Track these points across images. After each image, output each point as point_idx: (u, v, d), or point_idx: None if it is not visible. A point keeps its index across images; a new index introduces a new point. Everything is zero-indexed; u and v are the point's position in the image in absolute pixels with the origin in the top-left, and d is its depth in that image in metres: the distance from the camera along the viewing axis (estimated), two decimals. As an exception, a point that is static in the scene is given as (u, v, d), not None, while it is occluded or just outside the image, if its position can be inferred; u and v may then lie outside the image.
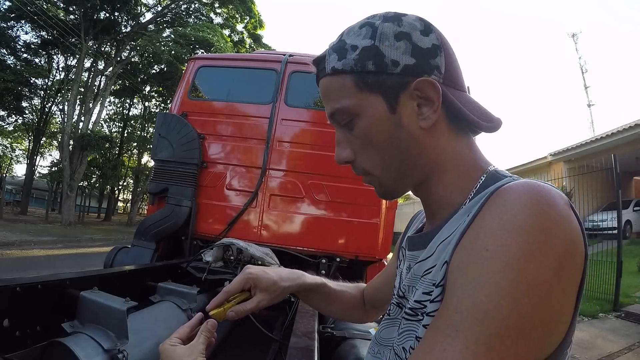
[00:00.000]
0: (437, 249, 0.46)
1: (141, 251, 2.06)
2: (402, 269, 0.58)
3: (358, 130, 0.48)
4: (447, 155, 0.48)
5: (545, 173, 10.45)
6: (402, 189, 0.52)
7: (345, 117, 0.48)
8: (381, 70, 0.44)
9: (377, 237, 2.13)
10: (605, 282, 5.20)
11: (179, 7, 16.28)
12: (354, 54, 0.45)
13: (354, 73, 0.45)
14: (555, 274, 0.33)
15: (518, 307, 0.32)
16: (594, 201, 7.59)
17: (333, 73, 0.47)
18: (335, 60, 0.46)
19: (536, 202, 0.35)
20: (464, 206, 0.45)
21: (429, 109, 0.45)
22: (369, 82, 0.45)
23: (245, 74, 2.48)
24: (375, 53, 0.44)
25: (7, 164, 26.41)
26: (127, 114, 22.61)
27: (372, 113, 0.46)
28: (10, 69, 14.25)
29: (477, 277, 0.34)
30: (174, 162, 2.17)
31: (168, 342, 0.56)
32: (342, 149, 0.50)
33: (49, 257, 7.21)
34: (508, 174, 0.46)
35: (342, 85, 0.47)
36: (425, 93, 0.45)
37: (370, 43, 0.45)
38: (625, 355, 3.46)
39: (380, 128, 0.46)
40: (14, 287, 0.88)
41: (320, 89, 0.50)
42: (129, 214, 21.47)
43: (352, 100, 0.46)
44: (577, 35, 22.52)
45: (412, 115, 0.46)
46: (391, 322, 0.55)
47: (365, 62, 0.45)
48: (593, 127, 21.07)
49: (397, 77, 0.45)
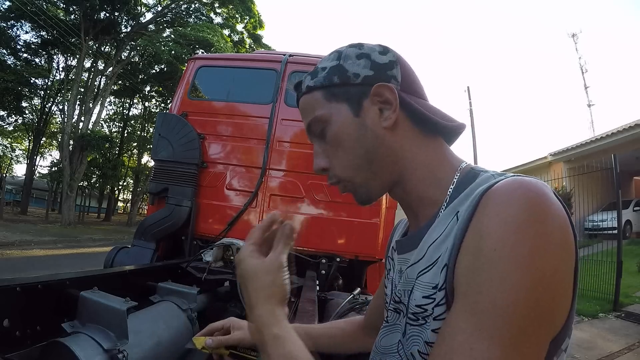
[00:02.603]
0: (429, 250, 0.47)
1: (141, 251, 2.06)
2: (393, 276, 0.59)
3: (329, 135, 0.53)
4: (414, 153, 0.52)
5: (545, 173, 10.44)
6: (375, 190, 0.54)
7: (318, 125, 0.54)
8: (345, 82, 0.52)
9: (377, 237, 2.13)
10: (605, 282, 5.20)
11: (179, 7, 16.28)
12: (323, 72, 0.53)
13: (323, 87, 0.53)
14: (559, 258, 0.37)
15: (534, 298, 0.35)
16: (594, 201, 7.58)
17: (307, 91, 0.54)
18: (309, 80, 0.54)
19: (528, 197, 0.38)
20: (445, 203, 0.48)
21: (389, 110, 0.51)
22: (335, 93, 0.52)
23: (245, 74, 2.48)
24: (340, 69, 0.52)
25: (7, 164, 26.40)
26: (127, 114, 22.63)
27: (339, 119, 0.52)
28: (10, 69, 14.26)
29: (491, 278, 0.36)
30: (174, 162, 2.16)
31: (247, 253, 0.50)
32: (319, 159, 0.56)
33: (49, 257, 7.22)
34: (483, 169, 0.50)
35: (315, 99, 0.54)
36: (384, 97, 0.50)
37: (336, 63, 0.53)
38: (625, 355, 3.46)
39: (347, 130, 0.52)
40: (14, 287, 0.88)
41: (300, 108, 0.57)
42: (129, 214, 21.50)
43: (323, 110, 0.53)
44: (577, 35, 22.51)
45: (375, 118, 0.51)
46: (390, 328, 0.56)
47: (331, 77, 0.52)
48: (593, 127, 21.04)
49: (358, 86, 0.51)
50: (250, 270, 0.49)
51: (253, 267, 0.49)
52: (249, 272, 0.49)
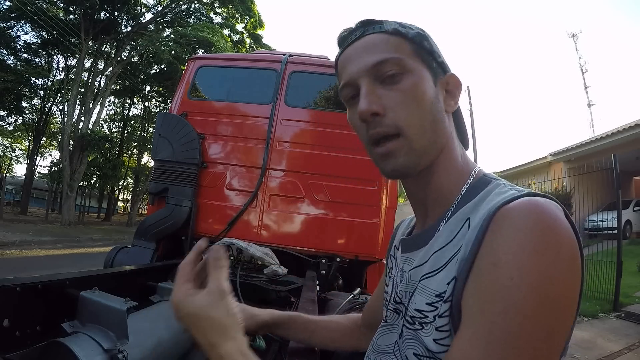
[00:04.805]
0: (435, 255, 0.48)
1: (141, 251, 2.06)
2: (395, 274, 0.59)
3: (406, 84, 0.50)
4: (452, 144, 0.55)
5: (545, 173, 10.43)
6: (424, 157, 0.51)
7: (395, 68, 0.50)
8: (432, 52, 0.53)
9: (377, 237, 2.13)
10: (605, 282, 5.19)
11: (179, 7, 16.27)
12: (413, 31, 0.53)
13: (414, 43, 0.52)
14: (569, 285, 0.38)
15: (549, 328, 0.36)
16: (594, 201, 7.58)
17: (394, 33, 0.52)
18: (398, 26, 0.53)
19: (545, 224, 0.39)
20: (454, 206, 0.50)
21: (451, 100, 0.55)
22: (422, 55, 0.52)
23: (245, 74, 2.48)
24: (428, 40, 0.54)
25: (7, 164, 26.41)
26: (127, 114, 22.60)
27: (422, 75, 0.51)
28: (10, 69, 14.24)
29: (507, 308, 0.37)
30: (174, 162, 2.16)
31: (183, 293, 0.47)
32: (372, 102, 0.49)
33: (49, 257, 7.21)
34: (495, 176, 0.52)
35: (400, 44, 0.52)
36: (452, 87, 0.55)
37: (423, 32, 0.54)
38: (625, 355, 3.46)
39: (427, 90, 0.51)
40: (14, 287, 0.88)
41: (366, 42, 0.52)
42: (129, 214, 21.47)
43: (409, 60, 0.51)
44: (577, 35, 22.54)
45: (443, 98, 0.54)
46: (389, 328, 0.56)
47: (422, 40, 0.53)
48: (593, 127, 21.08)
49: (439, 65, 0.54)
50: (196, 309, 0.45)
51: (197, 305, 0.46)
52: (195, 311, 0.45)
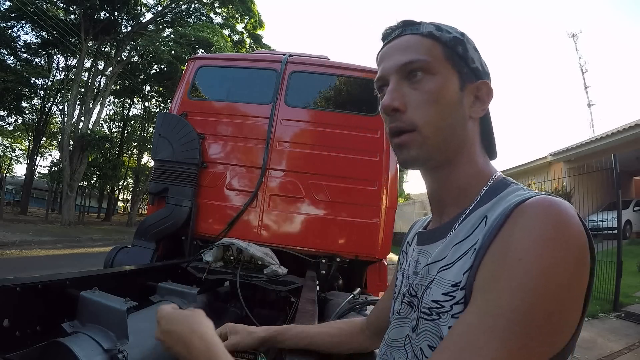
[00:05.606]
0: (452, 250, 0.50)
1: (141, 251, 2.06)
2: (405, 267, 0.62)
3: (429, 85, 0.53)
4: (475, 148, 0.57)
5: (545, 173, 10.43)
6: (436, 153, 0.54)
7: (421, 69, 0.53)
8: (465, 58, 0.55)
9: (377, 237, 2.13)
10: (605, 282, 5.19)
11: (179, 7, 16.27)
12: (448, 35, 0.55)
13: (446, 47, 0.54)
14: (574, 276, 0.40)
15: (548, 308, 0.38)
16: (594, 201, 7.59)
17: (428, 35, 0.54)
18: (434, 29, 0.55)
19: (559, 217, 0.41)
20: (473, 205, 0.52)
21: (479, 107, 0.56)
22: (454, 59, 0.54)
23: (245, 74, 2.48)
24: (463, 45, 0.55)
25: (7, 164, 26.40)
26: (127, 114, 22.60)
27: (448, 79, 0.54)
28: (10, 69, 14.24)
29: (512, 284, 0.39)
30: (174, 162, 2.16)
31: (168, 307, 0.67)
32: (395, 98, 0.54)
33: (49, 257, 7.21)
34: (514, 181, 0.54)
35: (432, 48, 0.54)
36: (482, 93, 0.56)
37: (461, 37, 0.55)
38: (625, 355, 3.46)
39: (449, 93, 0.53)
40: (14, 287, 0.88)
41: (401, 42, 0.56)
42: (129, 214, 21.47)
43: (437, 62, 0.53)
44: (577, 35, 22.53)
45: (469, 103, 0.55)
46: (402, 321, 0.57)
47: (457, 45, 0.55)
48: (593, 127, 21.08)
49: (471, 70, 0.55)
50: (176, 318, 0.63)
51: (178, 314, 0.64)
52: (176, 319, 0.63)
